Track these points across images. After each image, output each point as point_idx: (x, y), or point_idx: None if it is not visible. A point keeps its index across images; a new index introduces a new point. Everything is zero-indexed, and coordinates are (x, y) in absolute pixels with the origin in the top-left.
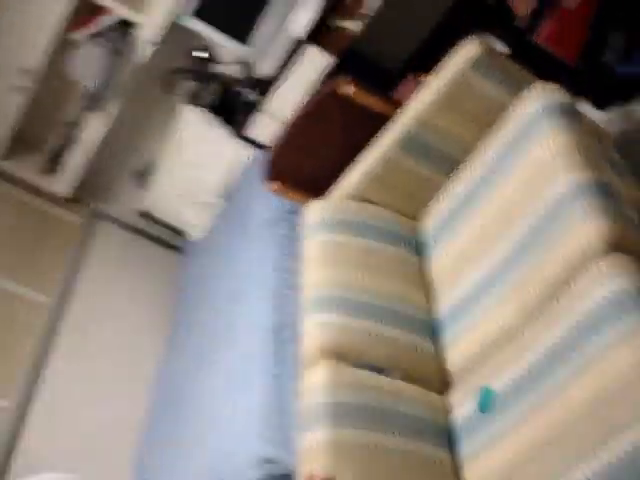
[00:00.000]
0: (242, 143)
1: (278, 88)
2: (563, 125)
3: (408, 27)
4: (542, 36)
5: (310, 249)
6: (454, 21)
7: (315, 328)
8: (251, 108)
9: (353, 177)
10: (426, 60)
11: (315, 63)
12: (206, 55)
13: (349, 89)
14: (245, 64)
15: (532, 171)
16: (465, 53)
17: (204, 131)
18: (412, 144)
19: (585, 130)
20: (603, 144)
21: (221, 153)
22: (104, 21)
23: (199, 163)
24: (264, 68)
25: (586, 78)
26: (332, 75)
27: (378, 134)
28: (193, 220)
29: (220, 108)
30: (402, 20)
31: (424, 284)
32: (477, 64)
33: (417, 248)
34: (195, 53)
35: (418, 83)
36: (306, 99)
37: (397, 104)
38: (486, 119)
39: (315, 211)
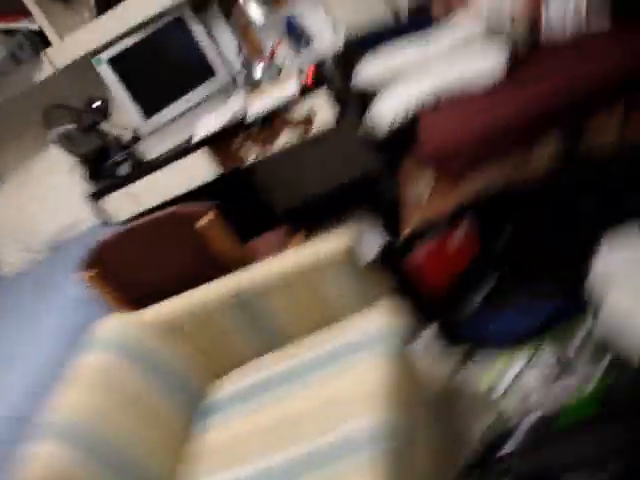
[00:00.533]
0: (93, 208)
1: (152, 175)
2: (389, 357)
3: (306, 178)
4: (416, 257)
5: (81, 364)
6: (347, 195)
7: (41, 455)
8: (118, 179)
9: (169, 308)
10: (308, 217)
11: (199, 169)
12: (101, 106)
13: (203, 221)
14: (134, 137)
15: (337, 394)
16: (333, 244)
17: (62, 176)
18: (242, 306)
19: (410, 368)
20: (423, 388)
21: (68, 206)
22: (21, 23)
23: (42, 204)
24: (150, 150)
25: (442, 312)
26: (210, 188)
27: (217, 276)
28: (7, 256)
29: (89, 164)
30: (303, 170)
31: (184, 454)
32: (336, 261)
33: (196, 412)
34: (92, 100)
35: (285, 239)
36: (173, 201)
37: (250, 254)
38: (326, 315)
39: (109, 324)
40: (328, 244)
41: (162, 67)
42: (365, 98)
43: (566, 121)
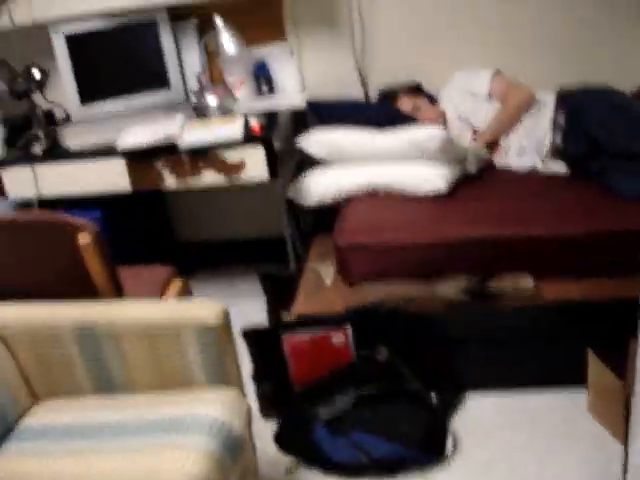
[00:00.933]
0: None
1: (63, 164)
2: (209, 450)
3: (219, 222)
4: (289, 342)
5: None
6: (253, 251)
7: None
8: (30, 154)
9: (5, 313)
10: (204, 259)
11: (112, 177)
12: (40, 76)
13: (86, 238)
14: (64, 118)
15: (138, 472)
16: (203, 312)
17: None
18: (85, 339)
19: (227, 465)
20: None
21: None
22: None
23: None
24: (72, 137)
25: (291, 413)
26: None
27: (82, 296)
28: None
29: (8, 129)
30: (220, 214)
31: None
32: (198, 331)
33: None
34: (33, 67)
35: (165, 280)
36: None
37: (119, 286)
38: (174, 378)
39: None
40: (197, 310)
41: (117, 60)
42: (305, 163)
43: (481, 268)
